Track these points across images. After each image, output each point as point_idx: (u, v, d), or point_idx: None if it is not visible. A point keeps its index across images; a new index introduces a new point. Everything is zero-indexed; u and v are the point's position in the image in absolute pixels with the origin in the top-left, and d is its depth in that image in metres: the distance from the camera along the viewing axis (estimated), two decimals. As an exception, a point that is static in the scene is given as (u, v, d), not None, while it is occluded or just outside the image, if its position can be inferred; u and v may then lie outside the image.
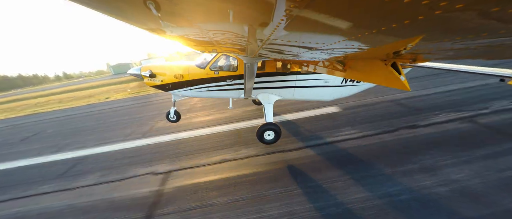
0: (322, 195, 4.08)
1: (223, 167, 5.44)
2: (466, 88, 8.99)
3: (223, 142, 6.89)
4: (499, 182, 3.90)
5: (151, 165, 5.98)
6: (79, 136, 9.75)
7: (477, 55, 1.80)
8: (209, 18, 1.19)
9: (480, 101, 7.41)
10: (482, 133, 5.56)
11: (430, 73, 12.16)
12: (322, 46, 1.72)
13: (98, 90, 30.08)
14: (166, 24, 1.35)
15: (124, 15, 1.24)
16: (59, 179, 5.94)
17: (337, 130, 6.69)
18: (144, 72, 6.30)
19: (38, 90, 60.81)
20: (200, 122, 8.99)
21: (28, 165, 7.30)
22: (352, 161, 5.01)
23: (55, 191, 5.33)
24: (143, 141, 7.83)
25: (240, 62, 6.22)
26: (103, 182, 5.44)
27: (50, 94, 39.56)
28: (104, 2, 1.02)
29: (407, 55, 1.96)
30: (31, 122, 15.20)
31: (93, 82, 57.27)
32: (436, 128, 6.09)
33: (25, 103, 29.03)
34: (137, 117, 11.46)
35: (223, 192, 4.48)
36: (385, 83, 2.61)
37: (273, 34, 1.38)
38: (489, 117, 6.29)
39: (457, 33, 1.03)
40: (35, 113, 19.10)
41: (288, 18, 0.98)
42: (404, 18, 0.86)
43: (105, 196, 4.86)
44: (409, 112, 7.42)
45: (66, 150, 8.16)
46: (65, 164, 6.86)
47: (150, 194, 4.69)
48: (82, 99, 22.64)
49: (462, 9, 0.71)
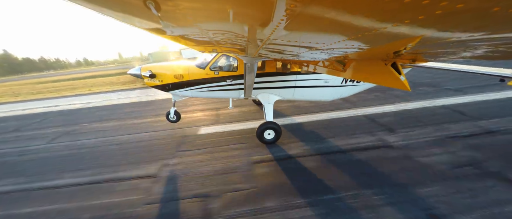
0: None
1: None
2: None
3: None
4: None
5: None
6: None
7: (477, 55, 1.80)
8: (209, 18, 1.19)
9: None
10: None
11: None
12: (322, 46, 1.72)
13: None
14: (166, 24, 1.35)
15: (124, 15, 1.24)
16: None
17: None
18: (144, 72, 6.30)
19: (54, 75, 59.46)
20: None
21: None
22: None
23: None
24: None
25: (240, 62, 6.22)
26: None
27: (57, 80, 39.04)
28: (103, 3, 1.02)
29: (407, 55, 1.97)
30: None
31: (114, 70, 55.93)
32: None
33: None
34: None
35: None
36: (385, 83, 2.61)
37: (273, 34, 1.38)
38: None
39: (457, 33, 1.03)
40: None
41: (288, 18, 0.98)
42: (404, 18, 0.86)
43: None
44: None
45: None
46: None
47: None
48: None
49: (462, 9, 0.71)
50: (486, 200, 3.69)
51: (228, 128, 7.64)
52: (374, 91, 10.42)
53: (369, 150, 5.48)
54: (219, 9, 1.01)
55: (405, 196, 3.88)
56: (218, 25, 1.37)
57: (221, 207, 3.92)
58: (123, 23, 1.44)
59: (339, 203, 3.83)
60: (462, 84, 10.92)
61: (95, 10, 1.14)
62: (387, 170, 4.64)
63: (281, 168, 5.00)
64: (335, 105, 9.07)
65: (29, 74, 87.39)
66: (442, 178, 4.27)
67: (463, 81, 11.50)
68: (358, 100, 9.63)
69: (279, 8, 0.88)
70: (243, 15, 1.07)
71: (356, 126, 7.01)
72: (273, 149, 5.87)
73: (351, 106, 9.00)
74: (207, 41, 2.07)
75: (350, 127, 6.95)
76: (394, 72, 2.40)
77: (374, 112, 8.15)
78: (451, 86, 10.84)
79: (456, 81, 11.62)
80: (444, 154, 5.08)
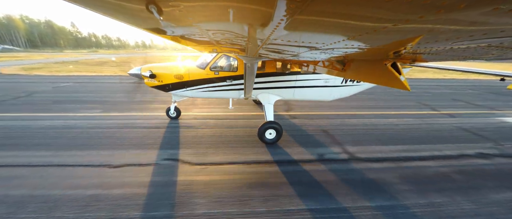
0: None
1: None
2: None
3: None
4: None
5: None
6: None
7: (477, 55, 1.80)
8: (209, 18, 1.19)
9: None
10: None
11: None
12: (322, 46, 1.72)
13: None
14: (166, 24, 1.35)
15: (124, 17, 1.25)
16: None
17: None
18: (144, 72, 6.31)
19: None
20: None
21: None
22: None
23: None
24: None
25: (240, 62, 6.22)
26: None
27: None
28: (104, 5, 1.03)
29: (407, 55, 1.96)
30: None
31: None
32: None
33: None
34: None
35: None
36: (385, 84, 2.61)
37: (273, 34, 1.38)
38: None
39: (457, 33, 1.03)
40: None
41: (288, 17, 0.98)
42: (404, 18, 0.86)
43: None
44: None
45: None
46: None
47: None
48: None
49: (462, 9, 0.71)
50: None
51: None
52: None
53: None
54: (219, 9, 1.01)
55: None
56: (218, 25, 1.37)
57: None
58: (122, 24, 1.44)
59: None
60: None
61: (96, 12, 1.15)
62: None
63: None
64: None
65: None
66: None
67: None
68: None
69: (279, 8, 0.88)
70: (243, 15, 1.07)
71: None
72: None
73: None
74: (207, 41, 2.07)
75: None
76: (394, 72, 2.40)
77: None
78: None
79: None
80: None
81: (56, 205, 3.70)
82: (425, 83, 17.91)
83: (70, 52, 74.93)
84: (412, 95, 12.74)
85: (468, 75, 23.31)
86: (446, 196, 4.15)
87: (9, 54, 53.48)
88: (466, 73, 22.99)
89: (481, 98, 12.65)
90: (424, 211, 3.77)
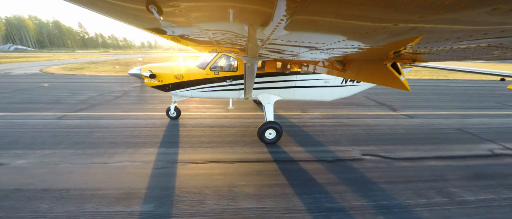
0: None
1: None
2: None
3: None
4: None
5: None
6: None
7: (477, 56, 1.80)
8: (209, 18, 1.19)
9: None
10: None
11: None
12: (322, 46, 1.72)
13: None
14: (166, 24, 1.35)
15: (124, 17, 1.25)
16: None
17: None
18: (144, 72, 6.31)
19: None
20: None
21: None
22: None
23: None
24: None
25: (240, 62, 6.22)
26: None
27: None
28: (105, 5, 1.03)
29: (407, 55, 1.96)
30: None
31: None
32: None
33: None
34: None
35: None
36: (385, 84, 2.61)
37: (273, 34, 1.38)
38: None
39: (457, 33, 1.03)
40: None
41: (288, 17, 0.98)
42: (404, 18, 0.86)
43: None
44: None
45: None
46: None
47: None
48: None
49: (462, 9, 0.71)
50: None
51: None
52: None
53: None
54: (219, 9, 1.01)
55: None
56: (218, 25, 1.37)
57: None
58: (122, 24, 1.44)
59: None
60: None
61: (97, 12, 1.15)
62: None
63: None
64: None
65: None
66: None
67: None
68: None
69: (279, 8, 0.88)
70: (243, 15, 1.07)
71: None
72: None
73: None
74: (207, 41, 2.07)
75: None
76: (394, 72, 2.40)
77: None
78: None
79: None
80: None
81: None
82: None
83: (82, 52, 75.41)
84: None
85: (468, 76, 23.22)
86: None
87: (26, 54, 52.25)
88: (466, 73, 22.93)
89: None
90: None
